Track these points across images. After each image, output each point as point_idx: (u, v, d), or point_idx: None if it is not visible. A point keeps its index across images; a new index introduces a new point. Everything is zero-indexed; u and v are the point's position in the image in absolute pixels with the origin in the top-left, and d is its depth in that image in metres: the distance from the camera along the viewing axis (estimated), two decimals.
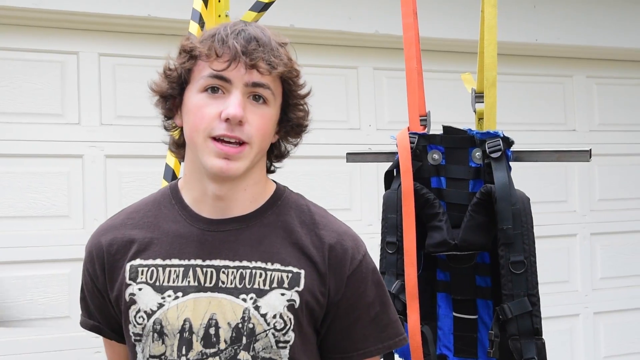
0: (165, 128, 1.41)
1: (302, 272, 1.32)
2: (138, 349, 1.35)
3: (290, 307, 1.30)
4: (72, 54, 3.37)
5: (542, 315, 1.75)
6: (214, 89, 1.29)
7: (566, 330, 4.35)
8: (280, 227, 1.35)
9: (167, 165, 1.99)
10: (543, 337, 1.70)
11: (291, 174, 3.61)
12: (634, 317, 4.49)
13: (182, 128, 1.37)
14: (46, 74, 3.32)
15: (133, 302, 1.34)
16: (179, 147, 1.41)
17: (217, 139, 1.27)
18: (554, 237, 4.28)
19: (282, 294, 1.31)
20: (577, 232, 4.42)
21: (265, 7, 2.13)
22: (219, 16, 2.13)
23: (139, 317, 1.33)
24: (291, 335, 1.31)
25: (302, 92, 1.38)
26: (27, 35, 3.31)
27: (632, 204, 4.55)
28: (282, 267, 1.32)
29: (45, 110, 3.31)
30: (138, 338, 1.34)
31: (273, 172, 1.45)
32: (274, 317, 1.30)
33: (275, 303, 1.30)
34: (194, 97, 1.31)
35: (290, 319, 1.30)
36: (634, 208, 4.55)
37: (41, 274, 3.23)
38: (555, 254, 4.30)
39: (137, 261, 1.35)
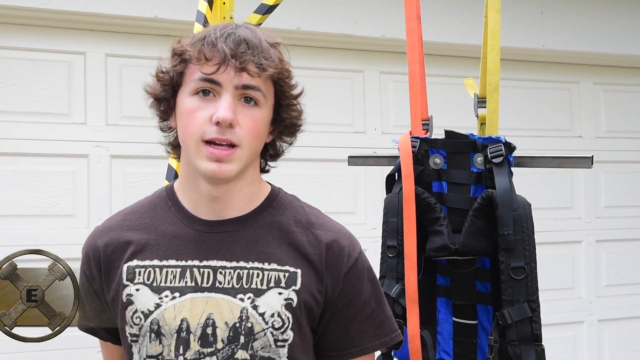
0: (161, 129, 1.43)
1: (299, 271, 1.33)
2: (134, 349, 1.35)
3: (288, 306, 1.31)
4: (79, 54, 3.39)
5: (546, 322, 1.74)
6: (205, 92, 1.30)
7: (570, 338, 4.33)
8: (276, 228, 1.37)
9: (169, 166, 1.97)
10: (542, 343, 1.70)
11: (296, 176, 3.63)
12: (638, 325, 4.47)
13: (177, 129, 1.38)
14: (53, 74, 3.34)
15: (130, 302, 1.34)
16: (174, 147, 1.43)
17: (208, 142, 1.28)
18: (559, 243, 4.26)
19: (280, 293, 1.32)
20: (582, 239, 4.41)
21: (270, 9, 2.13)
22: (224, 18, 2.11)
23: (136, 318, 1.34)
24: (290, 334, 1.32)
25: (294, 92, 1.38)
26: (34, 35, 3.33)
27: (637, 211, 4.53)
28: (279, 267, 1.33)
29: (51, 109, 3.33)
30: (135, 339, 1.35)
31: (267, 171, 1.45)
32: (272, 315, 1.31)
33: (273, 302, 1.31)
34: (185, 101, 1.32)
35: (288, 318, 1.32)
36: None
37: None
38: (560, 260, 4.28)
39: (134, 262, 1.36)
